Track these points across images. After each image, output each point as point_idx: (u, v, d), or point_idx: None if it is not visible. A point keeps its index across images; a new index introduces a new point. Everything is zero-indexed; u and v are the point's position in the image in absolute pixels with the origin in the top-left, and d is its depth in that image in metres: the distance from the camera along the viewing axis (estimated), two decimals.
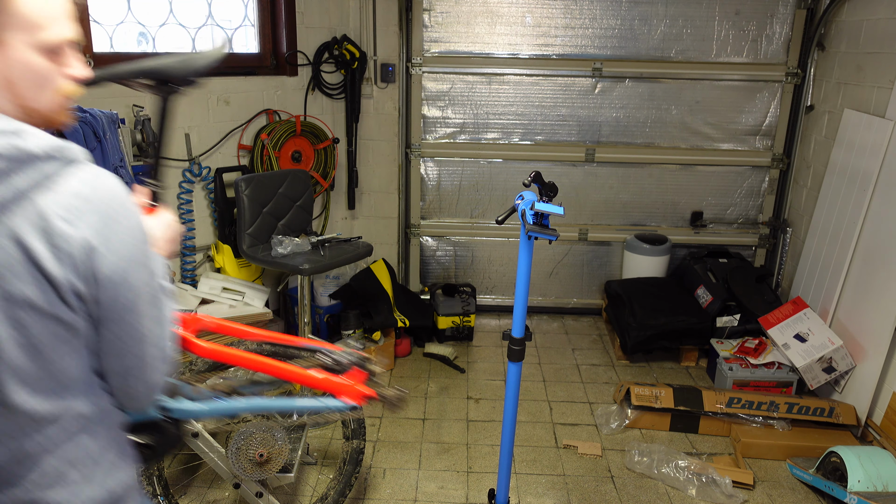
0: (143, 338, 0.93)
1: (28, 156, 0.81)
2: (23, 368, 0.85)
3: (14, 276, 0.81)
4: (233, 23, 3.57)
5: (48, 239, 0.81)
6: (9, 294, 0.81)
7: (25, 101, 0.88)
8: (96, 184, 0.86)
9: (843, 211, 3.12)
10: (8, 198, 0.80)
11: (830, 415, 2.81)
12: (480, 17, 3.73)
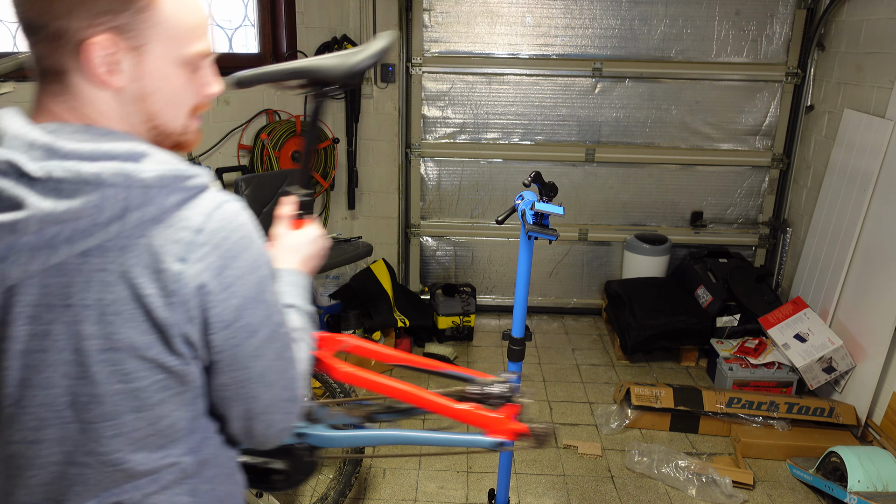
0: (265, 380, 0.83)
1: (141, 185, 0.71)
2: (124, 422, 0.76)
3: (121, 321, 0.72)
4: (233, 23, 3.57)
5: (159, 280, 0.72)
6: (114, 340, 0.72)
7: (156, 119, 0.80)
8: (217, 215, 0.75)
9: (843, 211, 3.12)
10: (124, 232, 0.71)
11: (830, 415, 2.81)
12: (480, 17, 3.73)
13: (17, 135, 0.71)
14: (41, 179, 0.69)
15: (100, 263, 0.71)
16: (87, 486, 0.78)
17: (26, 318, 0.72)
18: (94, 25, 0.72)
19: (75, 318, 0.72)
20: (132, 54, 0.75)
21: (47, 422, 0.75)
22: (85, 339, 0.72)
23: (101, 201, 0.69)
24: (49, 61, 0.74)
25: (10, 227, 0.68)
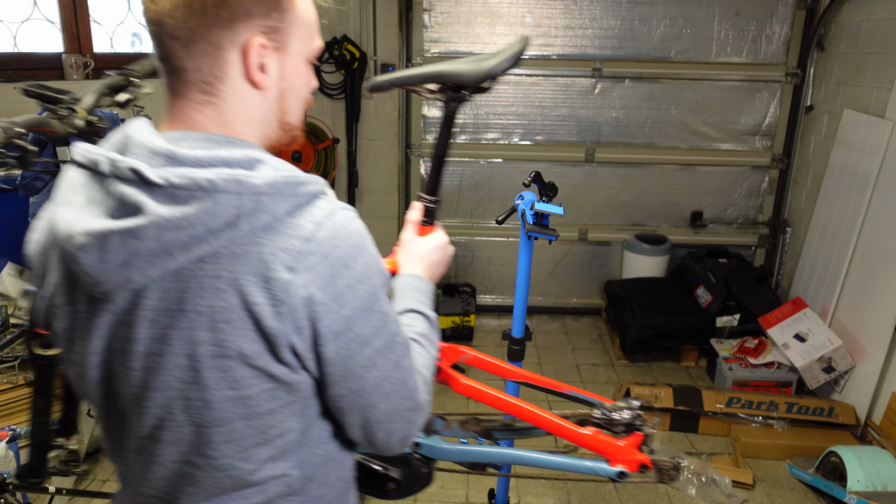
0: (382, 390, 0.81)
1: (253, 191, 0.70)
2: (234, 428, 0.76)
3: (231, 328, 0.72)
4: None
5: (268, 288, 0.71)
6: (225, 347, 0.72)
7: (288, 116, 0.83)
8: (328, 223, 0.74)
9: (843, 211, 3.13)
10: (236, 239, 0.70)
11: (830, 414, 2.81)
12: (480, 17, 3.74)
13: (141, 143, 0.72)
14: (160, 186, 0.69)
15: (213, 270, 0.71)
16: (198, 488, 0.79)
17: (148, 322, 0.73)
18: (250, 30, 0.75)
19: (190, 324, 0.72)
20: (277, 54, 0.79)
21: (164, 422, 0.76)
22: (198, 345, 0.72)
23: (215, 208, 0.69)
24: (203, 71, 0.76)
25: (131, 233, 0.69)
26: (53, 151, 2.10)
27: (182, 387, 0.74)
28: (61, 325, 0.78)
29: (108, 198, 0.71)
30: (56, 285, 0.76)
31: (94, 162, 0.73)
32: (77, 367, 0.79)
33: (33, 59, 2.86)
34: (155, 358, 0.74)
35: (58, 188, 0.77)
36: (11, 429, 2.11)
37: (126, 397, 0.77)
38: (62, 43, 2.92)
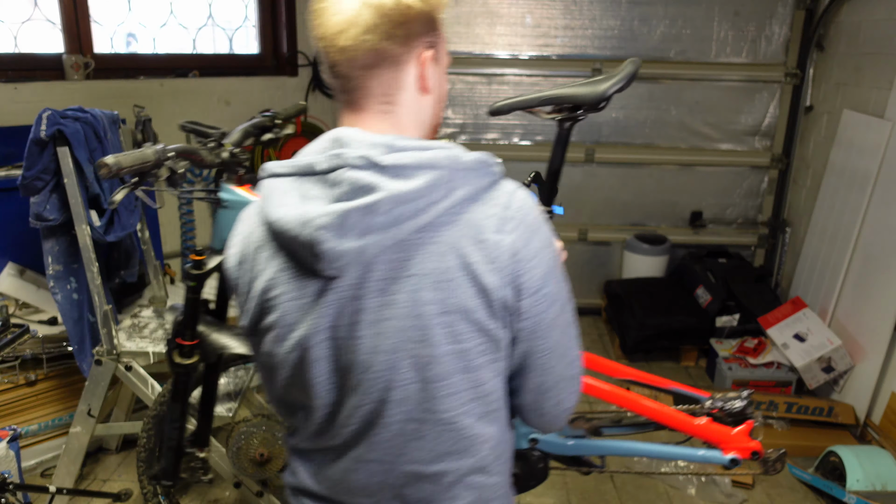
0: (557, 352, 0.91)
1: (463, 167, 0.82)
2: (454, 382, 0.85)
3: (453, 286, 0.81)
4: (233, 23, 3.58)
5: (482, 248, 0.82)
6: (448, 303, 0.81)
7: (438, 117, 0.96)
8: (516, 196, 0.86)
9: (842, 211, 3.13)
10: (450, 209, 0.82)
11: (829, 414, 2.82)
12: (480, 17, 3.74)
13: (360, 138, 0.82)
14: (390, 167, 0.80)
15: (433, 237, 0.81)
16: (422, 442, 0.88)
17: (376, 291, 0.82)
18: (420, 46, 0.89)
19: (416, 287, 0.81)
20: (435, 65, 0.93)
21: (392, 383, 0.84)
22: (424, 305, 0.81)
23: (436, 181, 0.80)
24: (385, 85, 0.87)
25: (369, 208, 0.78)
26: (54, 152, 2.11)
27: (411, 346, 0.83)
28: (278, 315, 0.85)
29: (334, 188, 0.80)
30: (272, 280, 0.85)
31: (308, 165, 0.83)
32: (295, 352, 0.86)
33: (33, 59, 2.86)
34: (384, 323, 0.82)
35: (262, 198, 0.86)
36: (12, 428, 2.12)
37: (355, 366, 0.85)
38: (63, 43, 2.92)
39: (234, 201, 1.56)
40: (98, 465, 2.65)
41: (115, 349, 2.25)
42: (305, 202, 0.81)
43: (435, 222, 0.81)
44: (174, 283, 3.18)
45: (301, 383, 0.88)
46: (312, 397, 0.88)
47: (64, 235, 2.25)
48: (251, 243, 0.88)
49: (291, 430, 0.98)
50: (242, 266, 0.89)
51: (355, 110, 0.89)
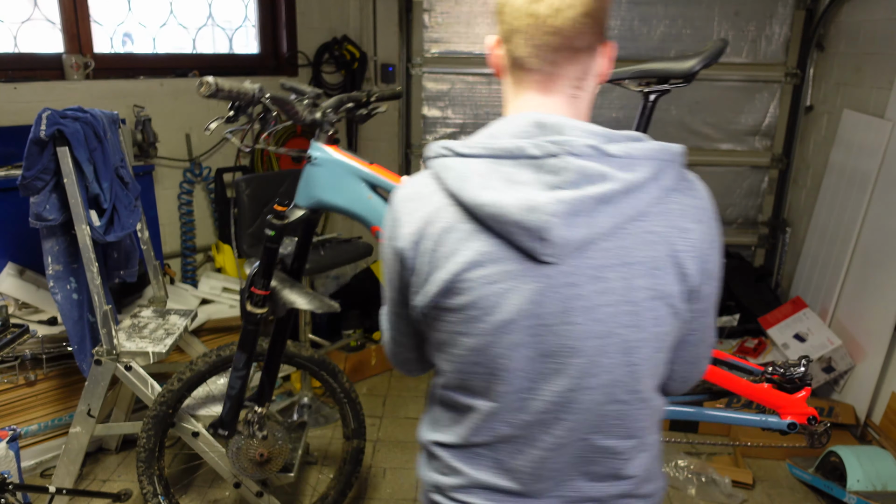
0: (712, 327, 0.99)
1: (672, 159, 0.86)
2: (654, 363, 0.90)
3: (663, 274, 0.85)
4: (233, 23, 3.58)
5: (686, 238, 0.86)
6: (657, 290, 0.85)
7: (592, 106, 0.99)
8: (700, 184, 0.92)
9: (843, 211, 3.13)
10: (659, 198, 0.85)
11: (830, 414, 2.82)
12: (480, 17, 3.74)
13: (572, 125, 0.84)
14: (618, 157, 0.82)
15: (646, 226, 0.84)
16: (623, 421, 0.90)
17: (591, 278, 0.83)
18: (605, 35, 0.90)
19: (630, 274, 0.84)
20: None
21: (600, 368, 0.87)
22: (636, 291, 0.84)
23: (655, 172, 0.84)
24: (579, 72, 0.89)
25: (600, 198, 0.81)
26: (53, 152, 2.11)
27: (622, 331, 0.85)
28: (473, 297, 0.85)
29: (552, 174, 0.81)
30: (471, 262, 0.84)
31: (515, 148, 0.83)
32: (490, 336, 0.85)
33: (33, 59, 2.86)
34: (600, 309, 0.84)
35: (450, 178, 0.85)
36: (11, 429, 2.11)
37: (561, 351, 0.86)
38: (62, 43, 2.92)
39: (325, 159, 1.59)
40: (98, 465, 2.65)
41: (114, 349, 2.24)
42: (514, 186, 0.82)
43: (647, 211, 0.84)
44: (174, 283, 3.18)
45: (491, 368, 0.87)
46: (502, 382, 0.88)
47: (64, 235, 2.25)
48: (436, 222, 0.86)
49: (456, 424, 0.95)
50: (421, 244, 0.87)
51: (544, 91, 0.90)
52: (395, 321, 0.99)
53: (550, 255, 0.82)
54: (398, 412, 3.14)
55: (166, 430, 2.13)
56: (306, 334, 3.00)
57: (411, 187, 0.92)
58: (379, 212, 1.56)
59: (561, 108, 0.90)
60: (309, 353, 2.21)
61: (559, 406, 0.88)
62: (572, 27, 0.85)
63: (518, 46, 0.88)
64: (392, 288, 0.95)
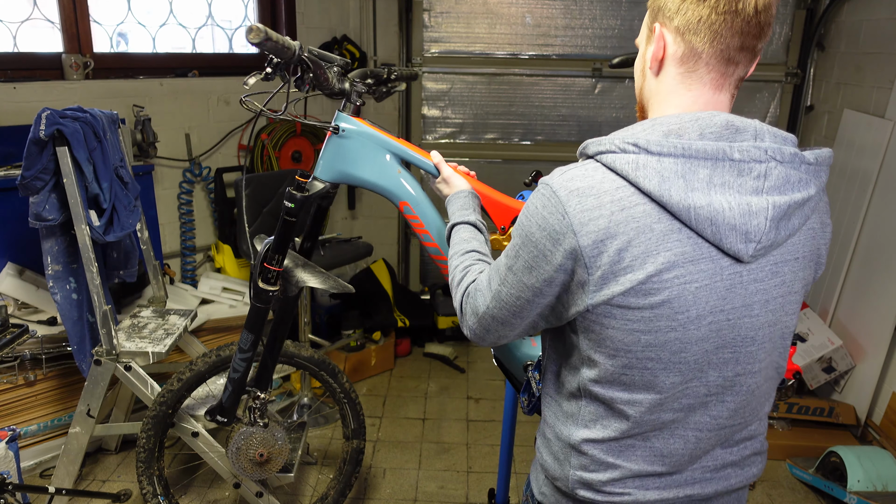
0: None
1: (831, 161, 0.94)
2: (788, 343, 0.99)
3: (813, 266, 0.96)
4: (233, 23, 3.58)
5: (825, 233, 0.97)
6: (806, 281, 0.95)
7: None
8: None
9: (843, 211, 3.13)
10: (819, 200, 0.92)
11: (830, 415, 2.81)
12: (480, 17, 3.74)
13: (766, 130, 0.88)
14: (812, 164, 0.89)
15: (810, 223, 0.93)
16: (767, 397, 1.01)
17: (770, 273, 0.90)
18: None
19: (795, 267, 0.92)
20: None
21: (766, 352, 0.95)
22: (796, 282, 0.93)
23: (824, 177, 0.91)
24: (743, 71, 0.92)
25: (803, 203, 0.88)
26: (53, 152, 2.11)
27: (784, 318, 0.94)
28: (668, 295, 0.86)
29: (755, 178, 0.85)
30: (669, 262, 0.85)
31: (720, 150, 0.84)
32: (678, 331, 0.88)
33: (33, 58, 2.86)
34: (774, 300, 0.91)
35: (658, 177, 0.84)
36: (11, 429, 2.11)
37: (737, 341, 0.91)
38: (62, 43, 2.92)
39: (354, 131, 1.52)
40: (97, 465, 2.65)
41: (114, 349, 2.24)
42: (718, 189, 0.84)
43: (814, 210, 0.92)
44: (174, 283, 3.18)
45: (666, 362, 0.90)
46: (673, 374, 0.90)
47: (63, 235, 2.25)
48: (628, 222, 0.85)
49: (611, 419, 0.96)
50: (609, 243, 0.85)
51: (716, 90, 0.91)
52: (520, 306, 0.96)
53: (752, 257, 0.86)
54: (398, 412, 3.14)
55: (166, 430, 2.13)
56: (306, 334, 3.00)
57: (582, 181, 0.89)
58: (408, 188, 1.50)
59: (726, 107, 0.92)
60: (309, 353, 2.21)
61: (724, 389, 0.94)
62: (763, 31, 0.87)
63: (703, 40, 0.88)
64: (536, 277, 0.92)
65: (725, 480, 1.00)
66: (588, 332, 0.92)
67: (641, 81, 0.99)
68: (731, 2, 0.85)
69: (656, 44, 0.92)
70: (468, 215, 1.29)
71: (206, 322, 2.95)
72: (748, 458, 1.01)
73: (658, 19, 0.92)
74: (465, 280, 1.10)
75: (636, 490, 0.96)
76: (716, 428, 0.95)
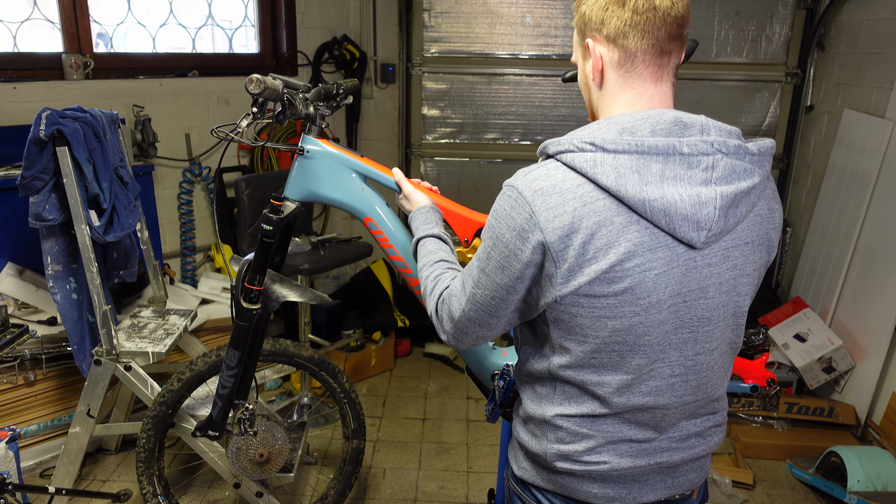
0: None
1: (773, 151, 1.00)
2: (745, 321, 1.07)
3: (764, 249, 1.02)
4: (233, 23, 3.58)
5: (773, 217, 1.02)
6: (758, 263, 1.02)
7: None
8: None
9: (843, 211, 3.13)
10: (765, 187, 0.99)
11: (830, 415, 2.81)
12: (480, 17, 3.74)
13: (711, 124, 0.95)
14: (757, 155, 0.96)
15: (757, 210, 0.99)
16: (726, 372, 1.09)
17: (723, 257, 0.97)
18: None
19: (746, 251, 0.99)
20: None
21: (721, 330, 1.02)
22: (748, 265, 1.00)
23: (769, 166, 0.99)
24: (677, 59, 0.99)
25: (749, 191, 0.94)
26: (53, 152, 2.11)
27: (737, 299, 1.01)
28: (629, 283, 0.92)
29: (703, 170, 0.92)
30: (629, 252, 0.91)
31: (670, 146, 0.91)
32: (640, 316, 0.95)
33: (33, 58, 2.86)
34: (727, 283, 0.98)
35: (614, 173, 0.90)
36: (11, 429, 2.11)
37: (694, 322, 0.99)
38: (62, 43, 2.92)
39: (318, 152, 1.62)
40: (97, 465, 2.65)
41: (114, 349, 2.24)
42: (670, 182, 0.91)
43: (760, 196, 0.98)
44: (174, 283, 3.17)
45: (631, 345, 0.97)
46: (638, 356, 0.98)
47: (63, 235, 2.25)
48: (589, 216, 0.91)
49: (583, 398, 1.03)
50: (573, 237, 0.91)
51: (657, 81, 0.98)
52: (495, 305, 1.01)
53: (704, 243, 0.94)
54: (398, 412, 3.14)
55: (166, 430, 2.13)
56: (306, 334, 3.00)
57: (545, 180, 0.94)
58: (372, 203, 1.59)
59: (669, 96, 1.00)
60: (309, 353, 2.21)
61: (686, 369, 1.01)
62: (684, 16, 0.96)
63: (633, 41, 0.95)
64: (508, 276, 0.97)
65: (691, 449, 1.08)
66: (558, 322, 0.98)
67: (588, 94, 1.06)
68: (651, 2, 0.93)
69: (593, 57, 0.99)
70: (431, 228, 1.34)
71: (206, 322, 2.95)
72: (710, 430, 1.10)
73: (587, 35, 0.99)
74: (438, 287, 1.15)
75: (612, 458, 1.03)
76: (680, 404, 1.03)
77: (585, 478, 1.05)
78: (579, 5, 1.01)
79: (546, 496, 1.11)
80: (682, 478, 1.10)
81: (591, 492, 1.06)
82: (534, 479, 1.11)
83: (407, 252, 1.58)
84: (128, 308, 2.74)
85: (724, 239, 0.96)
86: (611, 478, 1.05)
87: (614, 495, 1.06)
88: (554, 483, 1.09)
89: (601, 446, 1.03)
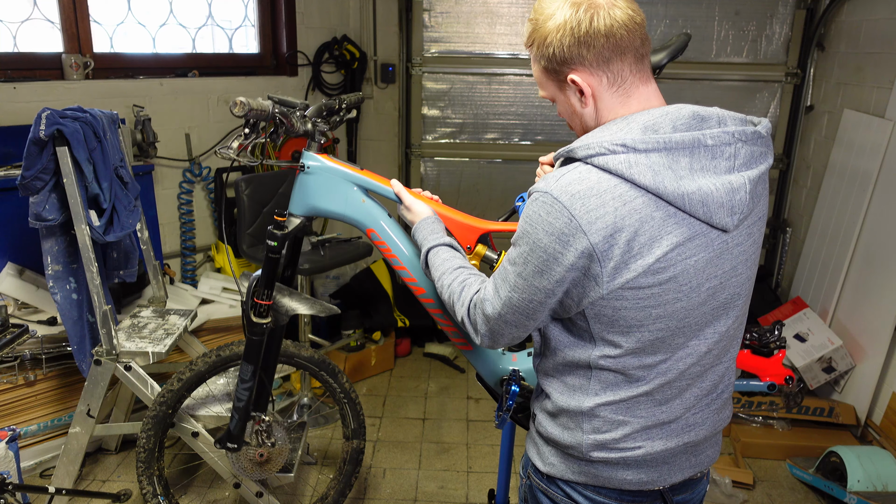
0: None
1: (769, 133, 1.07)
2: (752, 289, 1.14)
3: (764, 219, 1.08)
4: (233, 23, 3.58)
5: (765, 189, 1.07)
6: (762, 233, 1.09)
7: None
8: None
9: (843, 211, 3.13)
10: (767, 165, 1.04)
11: (830, 415, 2.81)
12: (480, 17, 3.74)
13: (726, 114, 1.04)
14: (766, 136, 1.04)
15: (762, 187, 1.05)
16: (739, 340, 1.14)
17: (746, 235, 1.04)
18: None
19: (760, 224, 1.06)
20: None
21: (744, 301, 1.09)
22: (760, 236, 1.08)
23: (771, 144, 1.05)
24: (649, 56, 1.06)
25: (764, 175, 1.03)
26: (53, 152, 2.11)
27: (754, 268, 1.09)
28: (675, 272, 0.98)
29: (727, 159, 0.99)
30: (673, 244, 0.96)
31: (695, 140, 0.98)
32: (685, 300, 1.00)
33: (33, 58, 2.86)
34: (750, 257, 1.06)
35: (650, 172, 0.95)
36: (11, 429, 2.11)
37: (728, 298, 1.05)
38: (62, 43, 2.91)
39: (317, 167, 1.63)
40: (97, 465, 2.65)
41: (114, 349, 2.24)
42: (700, 174, 0.96)
43: (767, 175, 1.06)
44: (174, 283, 3.18)
45: (674, 328, 1.02)
46: (679, 336, 1.03)
47: (63, 235, 2.25)
48: (630, 214, 0.94)
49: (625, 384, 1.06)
50: (618, 236, 0.94)
51: (645, 82, 1.05)
52: (533, 308, 1.04)
53: (735, 227, 1.00)
54: (398, 412, 3.14)
55: (166, 430, 2.13)
56: (306, 334, 3.00)
57: (580, 184, 0.96)
58: (373, 215, 1.61)
59: (657, 89, 1.07)
60: (309, 353, 2.21)
61: (718, 340, 1.07)
62: (643, 17, 1.03)
63: (617, 60, 1.01)
64: (547, 279, 1.00)
65: (711, 426, 1.14)
66: (599, 317, 1.01)
67: (578, 120, 1.08)
68: (630, 22, 0.99)
69: (582, 87, 1.02)
70: (440, 238, 1.36)
71: (206, 322, 2.96)
72: (723, 406, 1.16)
73: (565, 71, 1.02)
74: (466, 293, 1.18)
75: (646, 442, 1.07)
76: (701, 374, 1.08)
77: (620, 465, 1.08)
78: (540, 44, 1.03)
79: (576, 489, 1.13)
80: (703, 455, 1.16)
81: (625, 478, 1.09)
82: (563, 474, 1.13)
83: (410, 262, 1.59)
84: (128, 308, 2.74)
85: (749, 218, 1.03)
86: (644, 462, 1.09)
87: (647, 479, 1.10)
88: (586, 475, 1.11)
89: (636, 432, 1.07)
